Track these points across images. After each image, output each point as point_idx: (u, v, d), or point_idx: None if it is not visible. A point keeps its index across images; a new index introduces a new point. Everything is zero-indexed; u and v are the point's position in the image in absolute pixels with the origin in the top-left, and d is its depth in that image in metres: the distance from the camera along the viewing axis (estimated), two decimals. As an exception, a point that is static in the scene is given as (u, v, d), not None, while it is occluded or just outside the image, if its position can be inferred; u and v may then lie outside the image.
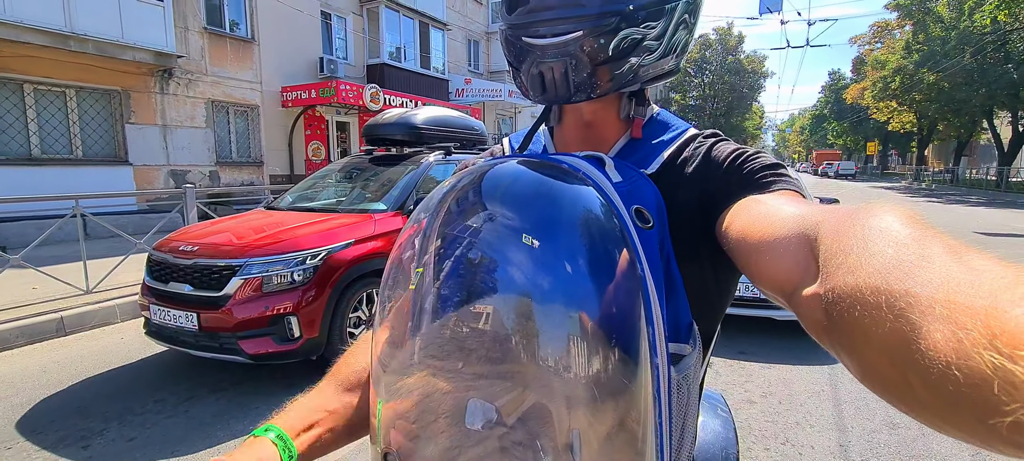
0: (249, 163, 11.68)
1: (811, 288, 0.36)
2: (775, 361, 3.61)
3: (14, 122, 8.25)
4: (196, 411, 2.89)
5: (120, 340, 4.04)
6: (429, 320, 0.46)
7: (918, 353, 0.25)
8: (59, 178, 8.33)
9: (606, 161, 0.56)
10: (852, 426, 2.71)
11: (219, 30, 10.82)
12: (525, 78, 0.62)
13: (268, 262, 3.15)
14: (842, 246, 0.33)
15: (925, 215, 0.33)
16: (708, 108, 40.69)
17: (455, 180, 0.54)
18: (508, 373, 0.43)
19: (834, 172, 42.22)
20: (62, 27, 7.77)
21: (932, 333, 0.24)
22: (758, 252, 0.46)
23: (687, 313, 0.54)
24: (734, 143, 0.63)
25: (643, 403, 0.44)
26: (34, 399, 3.02)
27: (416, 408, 0.47)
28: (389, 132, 4.60)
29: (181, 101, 10.17)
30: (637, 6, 0.56)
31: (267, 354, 3.08)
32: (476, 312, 0.44)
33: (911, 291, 0.26)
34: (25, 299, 4.45)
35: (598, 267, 0.44)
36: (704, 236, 0.58)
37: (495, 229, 0.47)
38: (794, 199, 0.51)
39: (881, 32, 31.74)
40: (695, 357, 0.54)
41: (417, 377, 0.47)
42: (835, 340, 0.33)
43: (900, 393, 0.27)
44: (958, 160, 30.72)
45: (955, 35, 22.47)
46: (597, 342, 0.43)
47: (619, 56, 0.57)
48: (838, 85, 50.94)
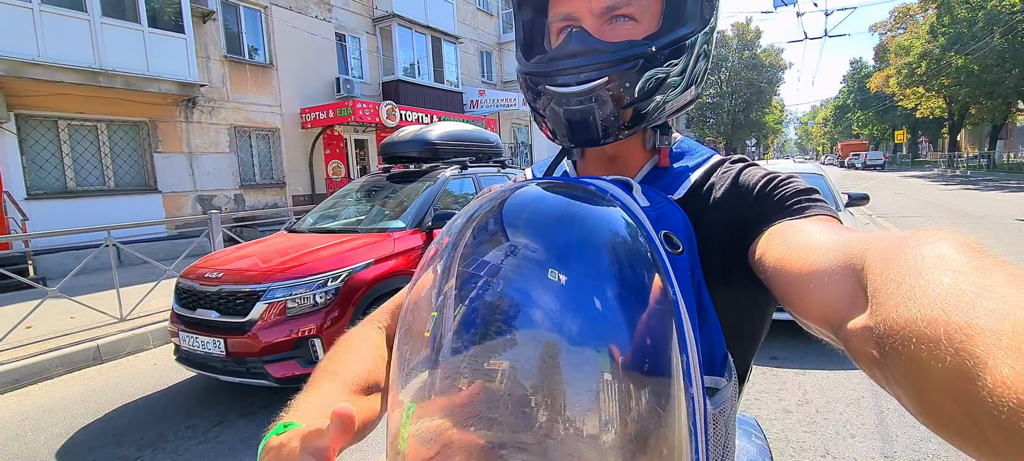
0: (272, 185, 11.95)
1: (860, 320, 0.34)
2: (810, 367, 3.47)
3: (50, 157, 8.63)
4: (226, 436, 2.93)
5: (153, 366, 4.14)
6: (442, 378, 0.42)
7: (984, 390, 0.23)
8: (93, 209, 8.67)
9: (633, 185, 0.55)
10: (898, 435, 2.57)
11: (239, 57, 11.15)
12: (551, 124, 0.61)
13: (291, 286, 3.18)
14: (893, 275, 0.31)
15: (981, 242, 0.30)
16: (726, 105, 40.09)
17: (476, 206, 0.51)
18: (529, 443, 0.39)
19: (861, 163, 40.96)
20: (92, 64, 8.12)
21: (999, 368, 0.22)
22: (799, 283, 0.43)
23: (722, 344, 0.52)
24: (764, 168, 0.61)
25: (678, 440, 0.41)
26: (73, 428, 3.10)
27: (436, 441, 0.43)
28: (405, 149, 4.64)
29: (205, 128, 10.49)
30: (660, 47, 0.56)
31: (293, 377, 3.11)
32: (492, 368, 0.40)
33: (973, 322, 0.25)
34: (63, 329, 4.60)
35: (628, 294, 0.42)
36: (735, 263, 0.56)
37: (517, 264, 0.43)
38: (832, 225, 0.49)
39: (903, 17, 30.86)
40: (731, 391, 0.51)
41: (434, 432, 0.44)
42: (889, 375, 0.31)
43: (965, 433, 0.25)
44: (994, 144, 29.51)
45: (983, 15, 21.69)
46: (628, 380, 0.39)
47: (645, 96, 0.57)
48: (861, 74, 49.63)
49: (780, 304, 0.50)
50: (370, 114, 11.94)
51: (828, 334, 0.41)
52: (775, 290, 0.49)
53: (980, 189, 17.11)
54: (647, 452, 0.40)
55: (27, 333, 4.42)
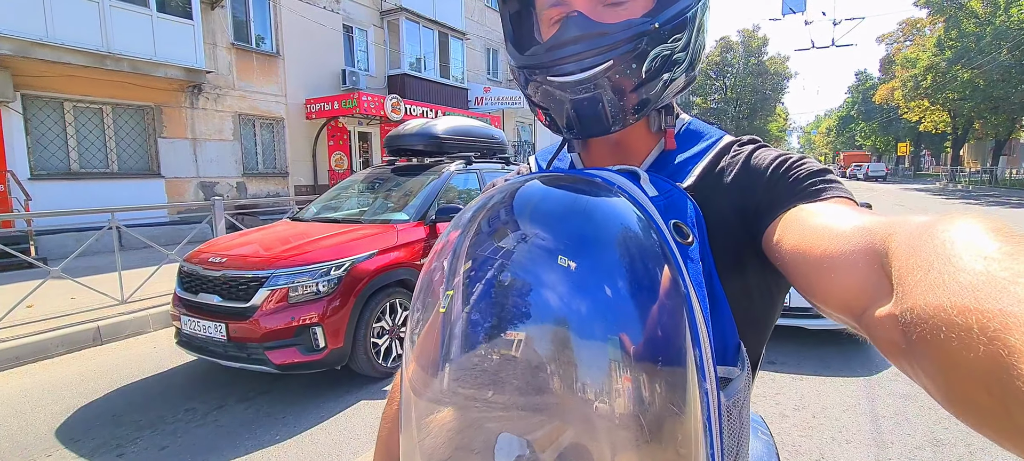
0: (275, 174, 11.95)
1: (885, 308, 0.33)
2: (807, 372, 3.49)
3: (55, 138, 8.64)
4: (225, 420, 2.94)
5: (153, 349, 4.16)
6: (459, 347, 0.44)
7: (1020, 380, 0.22)
8: (97, 191, 8.68)
9: (641, 175, 0.54)
10: (892, 442, 2.59)
11: (246, 46, 11.15)
12: (556, 116, 0.58)
13: (294, 273, 3.20)
14: (921, 261, 0.30)
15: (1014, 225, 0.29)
16: (730, 111, 40.04)
17: (485, 198, 0.52)
18: (543, 405, 0.41)
19: (863, 174, 40.94)
20: (99, 47, 8.13)
21: None
22: (819, 269, 0.42)
23: (734, 333, 0.51)
24: (776, 149, 0.59)
25: (693, 433, 0.41)
26: (73, 407, 3.12)
27: (448, 444, 0.45)
28: (411, 142, 4.65)
29: (210, 115, 10.49)
30: (663, 22, 0.53)
31: (293, 364, 3.13)
32: (508, 339, 0.42)
33: (1007, 310, 0.24)
34: (64, 309, 4.62)
35: (638, 287, 0.42)
36: (748, 249, 0.54)
37: (528, 250, 0.44)
38: (851, 208, 0.47)
39: (910, 29, 30.80)
40: (744, 380, 0.51)
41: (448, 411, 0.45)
42: (916, 363, 0.30)
43: (997, 423, 0.25)
44: (996, 160, 29.47)
45: (991, 31, 21.65)
46: (640, 368, 0.40)
47: (652, 77, 0.54)
48: (865, 85, 49.56)
49: (798, 291, 0.48)
50: (375, 107, 11.94)
51: (850, 321, 0.40)
52: (792, 277, 0.47)
53: (981, 204, 17.10)
54: (660, 443, 0.40)
55: (28, 312, 4.43)
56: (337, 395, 3.25)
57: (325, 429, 2.85)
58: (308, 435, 2.78)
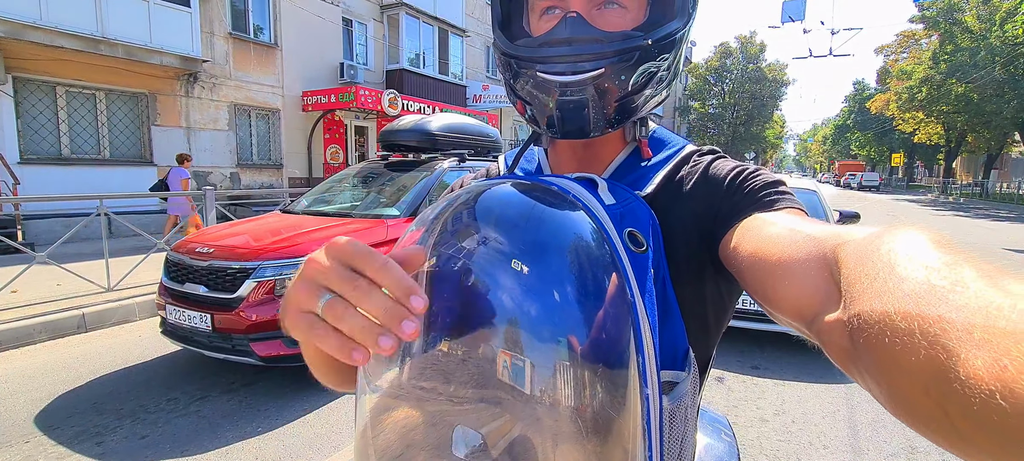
0: (269, 165, 11.90)
1: (834, 314, 0.35)
2: (789, 378, 3.52)
3: (46, 123, 8.56)
4: (207, 411, 2.94)
5: (138, 338, 4.13)
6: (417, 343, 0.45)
7: (957, 382, 0.23)
8: (87, 177, 8.60)
9: (599, 183, 0.55)
10: (868, 449, 2.62)
11: (243, 35, 11.08)
12: (538, 112, 0.59)
13: (281, 265, 3.19)
14: (867, 270, 0.31)
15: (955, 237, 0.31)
16: (728, 116, 40.19)
17: (450, 199, 0.53)
18: (494, 399, 0.42)
19: (857, 183, 41.23)
20: (94, 32, 8.05)
21: (972, 361, 0.23)
22: (773, 276, 0.43)
23: (684, 338, 0.52)
24: (733, 160, 0.61)
25: (632, 435, 0.43)
26: (53, 394, 3.10)
27: (400, 441, 0.46)
28: (405, 138, 4.64)
29: (205, 104, 10.43)
30: (655, 40, 0.54)
31: (278, 356, 3.12)
32: (465, 337, 0.43)
33: (945, 316, 0.25)
34: (49, 295, 4.58)
35: (585, 293, 0.43)
36: (703, 257, 0.56)
37: (486, 253, 0.46)
38: (803, 218, 0.49)
39: (907, 41, 31.03)
40: (690, 383, 0.52)
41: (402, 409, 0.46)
42: (863, 368, 0.31)
43: (936, 425, 0.26)
44: (988, 173, 29.76)
45: (985, 46, 21.85)
46: (584, 371, 0.42)
47: (637, 90, 0.56)
48: (862, 95, 49.89)
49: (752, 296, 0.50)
50: (372, 101, 11.90)
51: (801, 327, 0.41)
52: (747, 283, 0.49)
53: (971, 216, 17.28)
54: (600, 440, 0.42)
55: (12, 297, 4.39)
56: (321, 389, 3.23)
57: (307, 422, 2.85)
58: (290, 428, 2.78)
